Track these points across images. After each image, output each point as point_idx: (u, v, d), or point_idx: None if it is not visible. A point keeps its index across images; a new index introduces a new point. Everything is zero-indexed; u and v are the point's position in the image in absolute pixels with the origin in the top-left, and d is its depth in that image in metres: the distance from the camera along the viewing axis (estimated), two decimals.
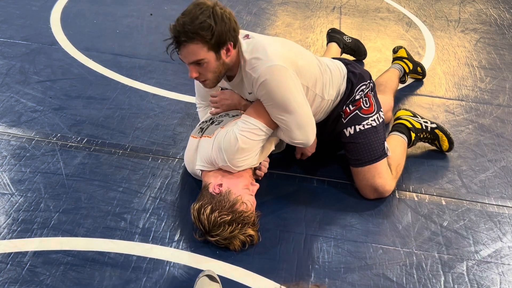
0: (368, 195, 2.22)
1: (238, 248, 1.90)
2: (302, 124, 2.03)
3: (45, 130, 2.49)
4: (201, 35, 1.84)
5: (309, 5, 4.20)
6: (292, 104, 1.97)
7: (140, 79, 2.99)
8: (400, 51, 3.02)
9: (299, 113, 2.00)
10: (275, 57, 1.94)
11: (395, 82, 2.85)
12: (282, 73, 1.94)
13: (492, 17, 4.26)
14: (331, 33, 3.24)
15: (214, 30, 1.84)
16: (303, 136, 2.05)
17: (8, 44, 3.22)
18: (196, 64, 1.91)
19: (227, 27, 1.87)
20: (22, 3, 3.80)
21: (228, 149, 1.97)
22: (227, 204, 1.89)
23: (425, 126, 2.48)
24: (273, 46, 2.00)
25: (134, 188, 2.19)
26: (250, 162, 2.03)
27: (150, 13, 3.82)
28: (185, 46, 1.87)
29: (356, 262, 1.94)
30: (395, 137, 2.41)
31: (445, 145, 2.50)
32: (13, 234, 1.92)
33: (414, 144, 2.47)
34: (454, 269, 1.94)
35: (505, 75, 3.34)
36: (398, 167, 2.30)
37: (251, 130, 1.99)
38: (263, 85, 1.93)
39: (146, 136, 2.51)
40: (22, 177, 2.20)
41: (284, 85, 1.95)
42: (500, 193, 2.34)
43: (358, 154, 2.21)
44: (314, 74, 2.11)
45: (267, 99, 1.97)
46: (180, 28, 1.84)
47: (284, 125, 2.02)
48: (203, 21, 1.83)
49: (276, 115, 2.00)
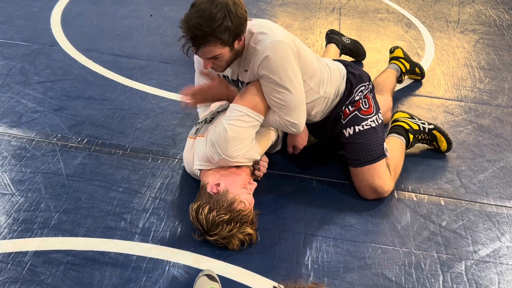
0: (367, 195, 2.23)
1: (237, 247, 1.91)
2: (297, 104, 2.03)
3: (46, 130, 2.50)
4: (219, 38, 1.83)
5: (309, 6, 4.21)
6: (292, 82, 1.97)
7: (140, 79, 2.99)
8: (396, 51, 3.03)
9: (296, 91, 2.00)
10: (281, 34, 1.96)
11: (392, 82, 2.86)
12: (287, 49, 1.94)
13: (491, 18, 4.27)
14: (330, 34, 3.25)
15: (232, 30, 1.83)
16: (296, 117, 2.05)
17: (8, 45, 3.23)
18: (212, 58, 1.92)
19: (241, 22, 1.86)
20: (22, 4, 3.81)
21: (219, 141, 1.97)
22: (225, 203, 1.90)
23: (422, 127, 2.49)
24: (279, 28, 2.03)
25: (134, 188, 2.20)
26: (245, 152, 2.01)
27: (150, 14, 3.82)
28: (204, 46, 1.86)
29: (355, 261, 1.95)
30: (393, 139, 2.42)
31: (444, 145, 2.51)
32: (13, 234, 1.93)
33: (412, 146, 2.48)
34: (453, 268, 1.95)
35: (504, 76, 3.35)
36: (396, 168, 2.30)
37: (238, 117, 1.98)
38: (267, 59, 1.92)
39: (146, 136, 2.52)
40: (22, 177, 2.20)
41: (287, 61, 1.95)
42: (499, 193, 2.35)
43: (357, 155, 2.22)
44: (312, 67, 2.11)
45: (268, 74, 1.96)
46: (197, 31, 1.81)
47: (280, 102, 2.00)
48: (220, 23, 1.80)
49: (273, 92, 1.99)
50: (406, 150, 2.44)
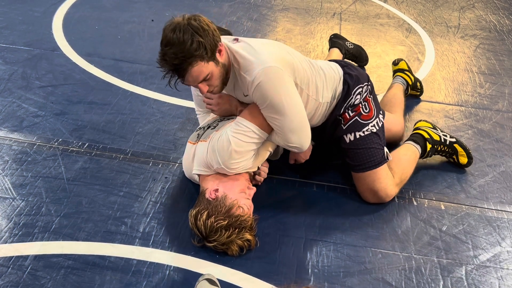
0: (368, 198, 2.23)
1: (236, 253, 1.91)
2: (297, 127, 2.03)
3: (47, 135, 2.51)
4: (199, 55, 1.84)
5: (310, 11, 4.23)
6: (287, 107, 1.97)
7: (141, 84, 3.00)
8: (401, 63, 2.95)
9: (293, 115, 2.00)
10: (269, 58, 1.95)
11: (401, 99, 2.76)
12: (277, 75, 1.94)
13: (492, 23, 4.28)
14: (333, 39, 3.25)
15: (205, 43, 1.84)
16: (298, 139, 2.06)
17: (10, 50, 3.24)
18: (203, 80, 1.92)
19: (210, 33, 1.87)
20: (24, 9, 3.83)
21: (222, 151, 1.98)
22: (223, 209, 1.90)
23: (443, 139, 2.45)
24: (265, 47, 2.01)
25: (134, 192, 2.20)
26: (244, 165, 2.03)
27: (151, 19, 3.84)
28: (188, 72, 1.87)
29: (355, 266, 1.95)
30: (407, 146, 2.39)
31: (464, 160, 2.46)
32: (14, 238, 1.93)
33: (429, 156, 2.45)
34: (453, 273, 1.95)
35: (505, 81, 3.35)
36: (403, 175, 2.28)
37: (244, 133, 2.00)
38: (258, 87, 1.93)
39: (146, 141, 2.53)
40: (23, 181, 2.21)
41: (278, 87, 1.95)
42: (499, 198, 2.35)
43: (358, 160, 2.22)
44: (306, 75, 2.11)
45: (261, 101, 1.97)
46: (175, 60, 1.83)
47: (278, 128, 2.02)
48: (191, 42, 1.82)
49: (270, 117, 2.00)
50: (422, 159, 2.41)
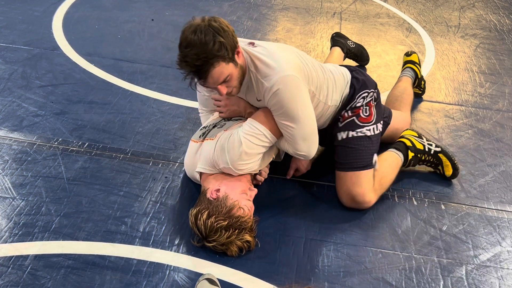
0: (345, 202, 2.19)
1: (235, 254, 1.91)
2: (307, 136, 2.05)
3: (47, 134, 2.51)
4: (221, 55, 1.83)
5: (310, 11, 4.22)
6: (301, 115, 1.99)
7: (141, 84, 3.00)
8: (413, 55, 2.92)
9: (306, 124, 2.02)
10: (287, 66, 1.96)
11: (410, 95, 2.74)
12: (295, 84, 1.96)
13: (492, 23, 4.27)
14: (335, 37, 3.24)
15: (226, 44, 1.84)
16: (307, 148, 2.07)
17: (10, 49, 3.24)
18: (223, 82, 1.92)
19: (230, 34, 1.87)
20: (24, 8, 3.83)
21: (231, 151, 1.98)
22: (223, 209, 1.90)
23: (428, 148, 2.38)
24: (283, 53, 2.02)
25: (134, 192, 2.20)
26: (251, 167, 2.04)
27: (151, 19, 3.83)
28: (209, 73, 1.86)
29: (355, 266, 1.95)
30: (388, 152, 2.35)
31: (449, 171, 2.37)
32: (14, 238, 1.93)
33: (412, 165, 2.39)
34: (453, 273, 1.95)
35: (505, 80, 3.35)
36: (382, 180, 2.23)
37: (256, 135, 2.01)
38: (276, 94, 1.95)
39: (147, 140, 2.53)
40: (23, 181, 2.21)
41: (296, 95, 1.97)
42: (500, 197, 2.35)
43: (344, 159, 2.21)
44: (319, 80, 2.13)
45: (276, 108, 1.99)
46: (198, 61, 1.82)
47: (290, 135, 2.04)
48: (213, 43, 1.81)
49: (283, 124, 2.01)
50: (405, 168, 2.37)
